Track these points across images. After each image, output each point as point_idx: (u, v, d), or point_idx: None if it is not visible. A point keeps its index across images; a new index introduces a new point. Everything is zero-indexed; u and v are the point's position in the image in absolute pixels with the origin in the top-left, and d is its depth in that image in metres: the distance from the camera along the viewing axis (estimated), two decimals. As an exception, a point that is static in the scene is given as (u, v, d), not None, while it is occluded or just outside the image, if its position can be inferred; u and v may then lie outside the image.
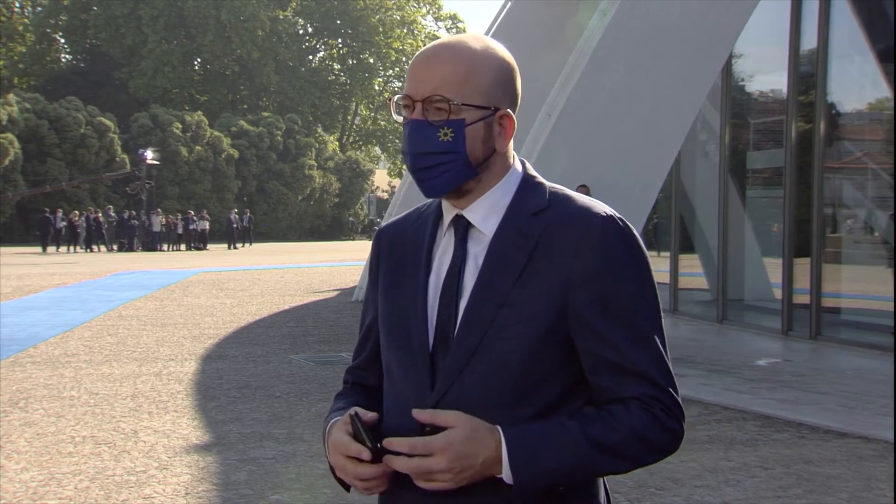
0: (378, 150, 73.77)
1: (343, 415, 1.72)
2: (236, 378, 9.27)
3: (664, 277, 15.40)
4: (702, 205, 15.32)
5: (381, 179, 73.78)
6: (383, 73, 70.62)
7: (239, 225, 47.47)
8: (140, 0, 57.81)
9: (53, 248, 39.11)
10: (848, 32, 12.28)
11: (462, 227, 1.72)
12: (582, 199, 1.71)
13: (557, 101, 11.09)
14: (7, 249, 37.06)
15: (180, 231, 44.76)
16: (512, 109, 1.72)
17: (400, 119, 1.72)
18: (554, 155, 10.71)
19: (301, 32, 68.16)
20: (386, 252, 1.82)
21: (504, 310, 1.65)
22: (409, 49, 67.13)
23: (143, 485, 5.61)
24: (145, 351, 11.06)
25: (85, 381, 9.02)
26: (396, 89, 68.25)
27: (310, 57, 68.98)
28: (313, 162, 57.57)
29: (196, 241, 44.73)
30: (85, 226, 41.01)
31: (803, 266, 12.31)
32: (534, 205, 1.70)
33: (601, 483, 1.74)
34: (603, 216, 1.67)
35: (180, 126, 51.80)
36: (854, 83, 12.85)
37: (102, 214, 42.35)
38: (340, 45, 68.95)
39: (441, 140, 1.67)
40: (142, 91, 58.28)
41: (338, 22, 67.16)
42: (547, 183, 1.75)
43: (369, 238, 54.27)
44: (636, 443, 1.62)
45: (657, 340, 1.66)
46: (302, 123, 59.10)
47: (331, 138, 64.12)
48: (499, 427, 1.60)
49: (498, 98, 1.69)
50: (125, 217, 42.43)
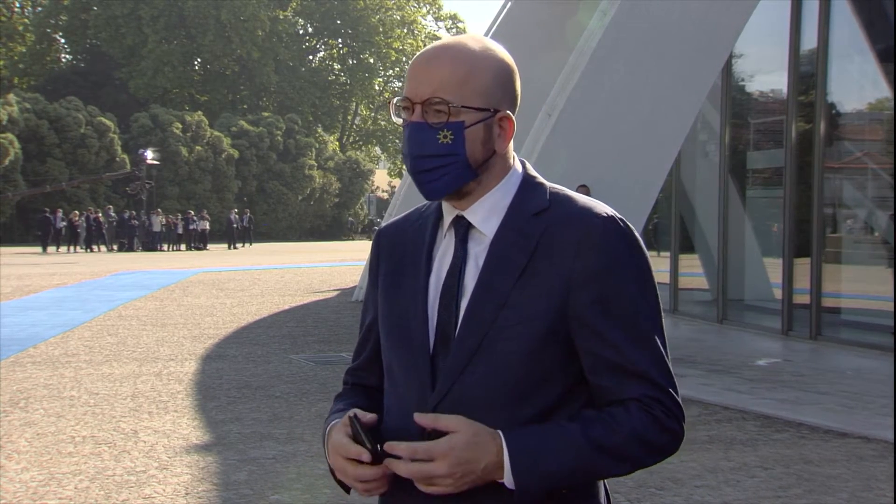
0: (378, 150, 73.75)
1: (342, 416, 1.72)
2: (236, 378, 9.27)
3: (664, 277, 15.40)
4: (702, 205, 15.32)
5: (381, 179, 73.78)
6: (383, 73, 70.61)
7: (239, 225, 47.48)
8: (140, 0, 57.82)
9: (53, 248, 39.11)
10: (848, 32, 12.28)
11: (463, 228, 1.72)
12: (583, 200, 1.71)
13: (557, 101, 11.09)
14: (7, 249, 37.05)
15: (180, 231, 44.77)
16: (511, 111, 1.72)
17: (399, 121, 1.72)
18: (554, 155, 10.71)
19: (301, 32, 68.15)
20: (386, 252, 1.82)
21: (505, 310, 1.65)
22: (409, 49, 67.11)
23: (144, 485, 5.61)
24: (145, 351, 11.07)
25: (85, 381, 9.02)
26: (396, 89, 68.26)
27: (310, 57, 68.98)
28: (313, 162, 57.57)
29: (196, 241, 44.73)
30: (85, 226, 41.01)
31: (803, 266, 12.31)
32: (534, 205, 1.70)
33: (601, 483, 1.74)
34: (604, 217, 1.67)
35: (180, 126, 51.80)
36: (854, 83, 12.85)
37: (102, 214, 42.35)
38: (340, 45, 68.94)
39: (441, 142, 1.67)
40: (142, 91, 58.29)
41: (338, 22, 67.16)
42: (547, 183, 1.75)
43: (369, 238, 54.28)
44: (636, 444, 1.63)
45: (657, 341, 1.66)
46: (302, 123, 59.10)
47: (331, 138, 64.11)
48: (500, 432, 1.60)
49: (497, 99, 1.69)
50: (125, 217, 42.43)
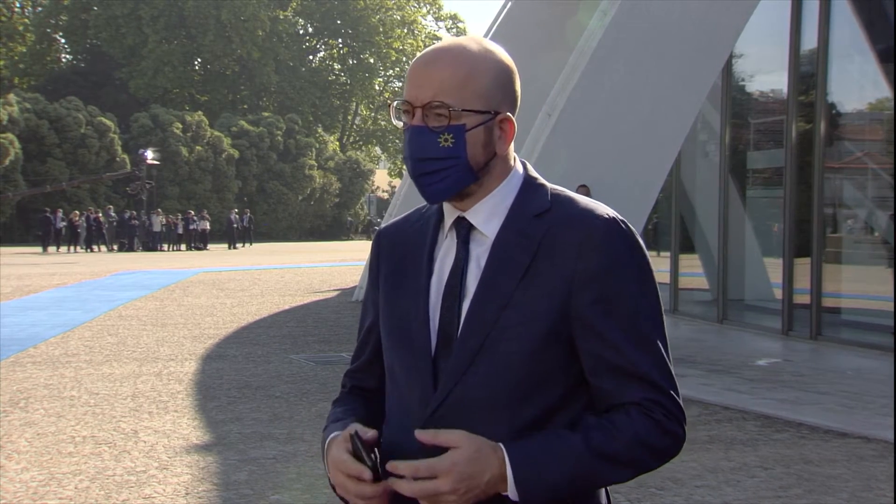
0: (378, 150, 73.75)
1: (341, 426, 1.72)
2: (236, 378, 9.28)
3: (664, 277, 15.40)
4: (702, 205, 15.32)
5: (382, 179, 73.78)
6: (383, 73, 70.60)
7: (239, 225, 47.48)
8: (140, 0, 57.83)
9: (54, 248, 39.13)
10: (848, 32, 12.28)
11: (464, 229, 1.72)
12: (584, 201, 1.71)
13: (557, 101, 11.09)
14: (7, 249, 37.06)
15: (180, 231, 44.78)
16: (512, 112, 1.72)
17: (400, 124, 1.72)
18: (554, 155, 10.72)
19: (301, 32, 68.16)
20: (386, 253, 1.82)
21: (507, 311, 1.65)
22: (410, 49, 67.12)
23: (144, 485, 5.61)
24: (145, 351, 11.07)
25: (85, 381, 9.02)
26: (396, 89, 68.30)
27: (310, 57, 68.98)
28: (313, 162, 57.57)
29: (196, 241, 44.74)
30: (85, 226, 41.02)
31: (803, 266, 12.31)
32: (536, 206, 1.70)
33: (602, 486, 1.74)
34: (605, 218, 1.67)
35: (180, 126, 51.81)
36: (854, 83, 12.86)
37: (103, 214, 42.36)
38: (341, 45, 68.94)
39: (442, 146, 1.66)
40: (142, 91, 58.30)
41: (338, 22, 67.16)
42: (548, 185, 1.75)
43: (369, 238, 54.31)
44: (638, 449, 1.63)
45: (658, 342, 1.66)
46: (302, 123, 59.11)
47: (331, 138, 64.12)
48: (501, 444, 1.60)
49: (498, 101, 1.69)
50: (125, 217, 42.44)
